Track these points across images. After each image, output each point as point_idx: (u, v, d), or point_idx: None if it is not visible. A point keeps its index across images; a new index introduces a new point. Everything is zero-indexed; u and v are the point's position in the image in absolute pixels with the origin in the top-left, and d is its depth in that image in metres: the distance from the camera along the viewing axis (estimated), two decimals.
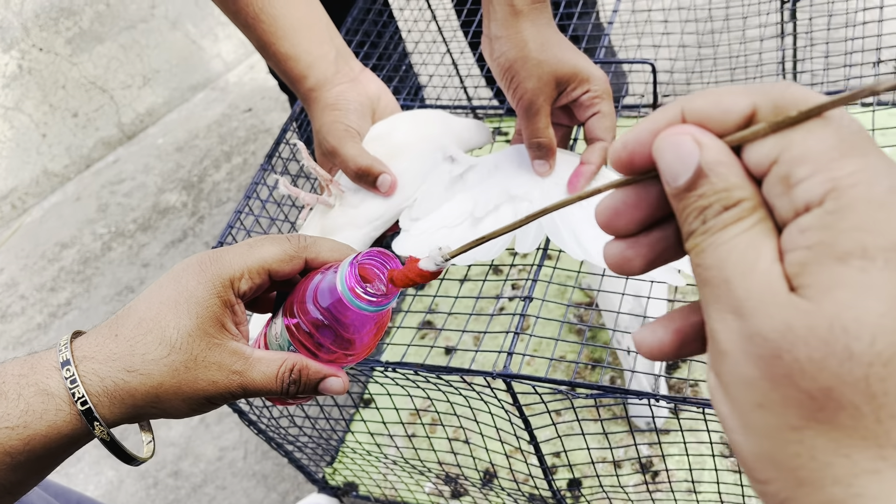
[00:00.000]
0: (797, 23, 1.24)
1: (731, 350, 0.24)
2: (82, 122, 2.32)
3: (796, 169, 0.24)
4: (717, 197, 0.25)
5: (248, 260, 0.45)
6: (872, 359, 0.22)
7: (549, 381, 0.68)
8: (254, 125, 2.28)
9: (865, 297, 0.22)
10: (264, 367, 0.45)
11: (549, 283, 0.79)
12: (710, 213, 0.25)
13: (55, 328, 1.87)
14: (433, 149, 0.82)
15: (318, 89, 0.81)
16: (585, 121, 0.75)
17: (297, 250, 0.47)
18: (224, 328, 0.45)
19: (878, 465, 0.22)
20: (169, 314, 0.44)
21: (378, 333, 0.47)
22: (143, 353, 0.43)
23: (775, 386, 0.23)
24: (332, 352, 0.45)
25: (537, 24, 0.69)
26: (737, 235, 0.25)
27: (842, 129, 0.24)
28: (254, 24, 0.78)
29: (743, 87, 0.26)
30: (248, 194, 0.95)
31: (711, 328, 0.25)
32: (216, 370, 0.44)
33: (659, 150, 0.26)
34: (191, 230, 2.01)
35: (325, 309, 0.44)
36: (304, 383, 0.45)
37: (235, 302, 0.45)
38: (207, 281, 0.44)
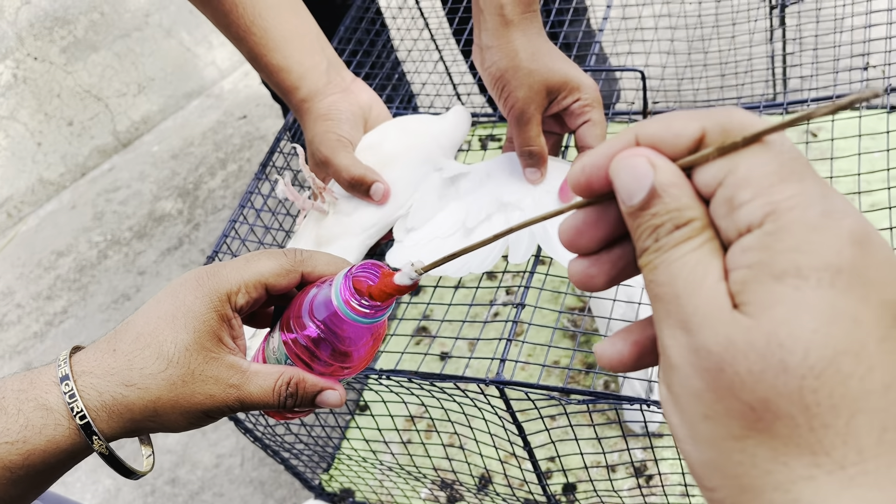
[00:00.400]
0: (786, 28, 1.25)
1: (679, 363, 0.26)
2: (77, 131, 2.33)
3: (739, 192, 0.25)
4: (669, 216, 0.27)
5: (244, 274, 0.46)
6: (805, 372, 0.23)
7: (541, 387, 0.68)
8: (249, 132, 2.29)
9: (799, 313, 0.24)
10: (261, 380, 0.45)
11: (541, 290, 0.79)
12: (663, 232, 0.27)
13: (51, 337, 1.87)
14: (425, 157, 0.83)
15: (310, 100, 0.81)
16: (576, 129, 0.75)
17: (294, 264, 0.47)
18: (221, 342, 0.45)
19: (812, 471, 0.23)
20: (166, 329, 0.44)
21: (374, 345, 0.47)
22: (141, 368, 0.44)
23: (719, 398, 0.24)
24: (329, 364, 0.46)
25: (528, 33, 0.70)
26: (686, 253, 0.26)
27: (782, 154, 0.26)
28: (245, 37, 0.79)
29: (692, 112, 0.28)
30: (242, 203, 0.95)
31: (662, 343, 0.26)
32: (213, 384, 0.44)
33: (615, 171, 0.28)
34: (186, 238, 2.01)
35: (320, 322, 0.44)
36: (301, 396, 0.46)
37: (232, 316, 0.46)
38: (204, 295, 0.45)
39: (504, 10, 0.69)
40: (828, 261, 0.24)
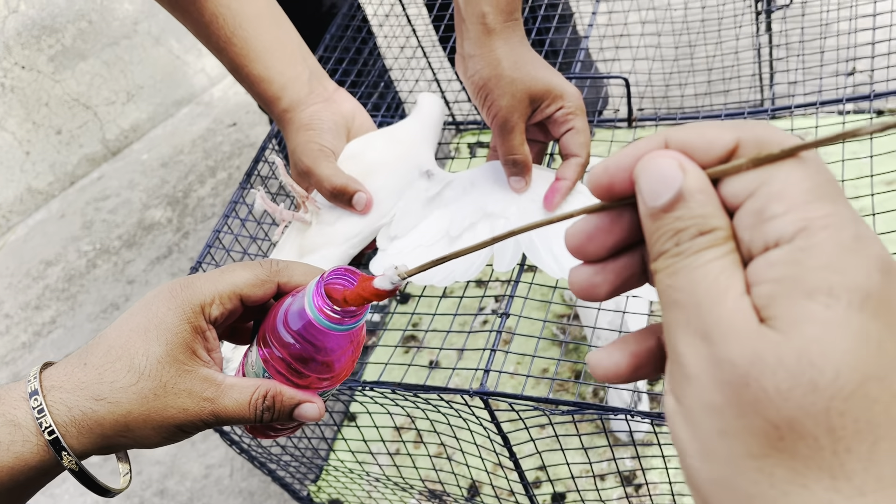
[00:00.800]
0: (772, 34, 1.25)
1: (697, 375, 0.25)
2: (66, 139, 2.32)
3: (772, 204, 0.25)
4: (693, 221, 0.26)
5: (218, 285, 0.45)
6: (834, 393, 0.22)
7: (525, 398, 0.68)
8: (238, 140, 2.28)
9: (831, 333, 0.23)
10: (237, 393, 0.44)
11: (525, 299, 0.79)
12: (685, 236, 0.26)
13: (40, 347, 1.85)
14: (409, 166, 0.83)
15: (292, 110, 0.81)
16: (560, 137, 0.75)
17: (269, 274, 0.47)
18: (195, 355, 0.44)
19: (831, 496, 0.23)
20: (138, 341, 0.43)
21: (354, 354, 0.46)
22: (112, 381, 0.43)
23: (740, 413, 0.23)
24: (306, 376, 0.45)
25: (510, 42, 0.70)
26: (710, 261, 0.25)
27: (818, 173, 0.25)
28: (226, 48, 0.78)
29: (727, 123, 0.27)
30: (226, 213, 0.95)
31: (678, 352, 0.25)
32: (186, 397, 0.43)
33: (641, 170, 0.27)
34: (176, 246, 2.00)
35: (295, 332, 0.44)
36: (278, 410, 0.45)
37: (207, 328, 0.45)
38: (177, 307, 0.44)
39: (486, 19, 0.68)
40: (859, 283, 0.23)
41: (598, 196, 0.29)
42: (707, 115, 0.96)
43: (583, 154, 0.74)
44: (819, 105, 0.88)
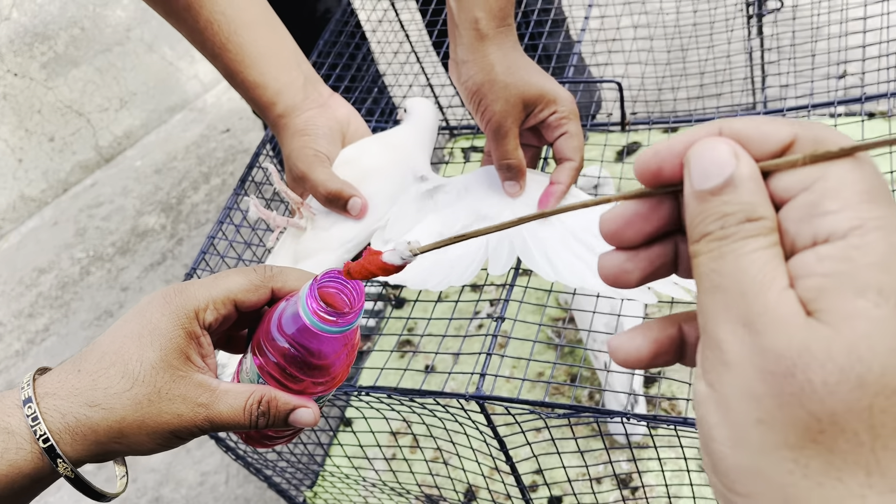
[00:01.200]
0: (764, 37, 1.25)
1: (738, 362, 0.25)
2: (59, 147, 2.31)
3: (826, 200, 0.25)
4: (741, 207, 0.26)
5: (212, 291, 0.45)
6: (879, 390, 0.23)
7: (521, 401, 0.68)
8: (232, 146, 2.28)
9: (880, 331, 0.23)
10: (231, 399, 0.44)
11: (521, 303, 0.79)
12: (732, 221, 0.26)
13: (33, 355, 1.85)
14: (403, 171, 0.83)
15: (287, 116, 0.81)
16: (554, 141, 0.75)
17: (263, 280, 0.47)
18: (189, 360, 0.44)
19: (865, 491, 0.23)
20: (132, 347, 0.43)
21: (348, 359, 0.46)
22: (106, 387, 0.42)
23: (781, 404, 0.24)
24: (301, 381, 0.45)
25: (503, 47, 0.70)
26: (757, 250, 0.25)
27: (873, 176, 0.26)
28: (221, 54, 0.78)
29: (784, 119, 0.28)
30: (221, 219, 0.95)
31: (718, 338, 0.25)
32: (181, 403, 0.43)
33: (694, 153, 0.27)
34: (170, 252, 2.00)
35: (289, 336, 0.43)
36: (273, 416, 0.45)
37: (201, 334, 0.45)
38: (171, 313, 0.44)
39: (479, 25, 0.68)
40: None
41: (645, 181, 0.29)
42: (699, 119, 0.97)
43: (577, 158, 0.74)
44: (811, 108, 0.88)
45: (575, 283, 0.70)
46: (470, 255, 0.75)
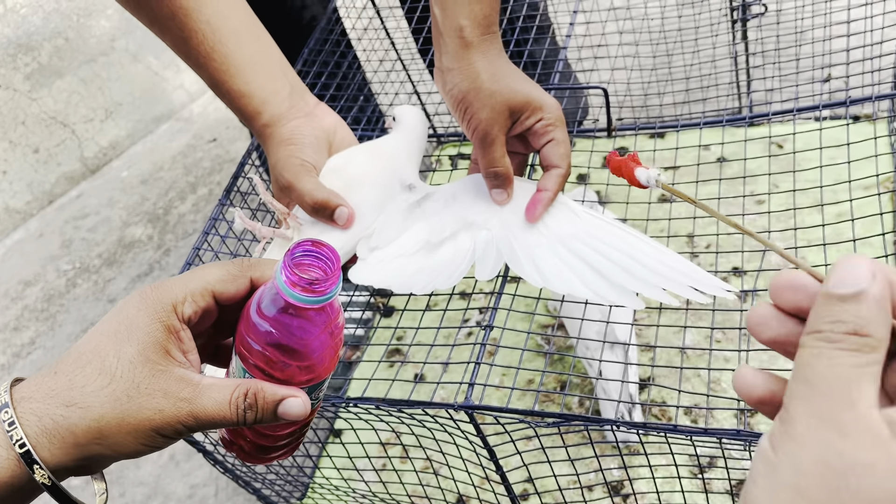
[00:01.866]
0: (748, 42, 1.26)
1: (801, 442, 0.29)
2: (44, 158, 2.29)
3: None
4: (855, 320, 0.29)
5: (189, 284, 0.45)
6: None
7: (510, 410, 0.67)
8: (219, 155, 2.27)
9: None
10: (216, 393, 0.43)
11: (509, 311, 0.79)
12: (841, 328, 0.29)
13: (19, 369, 1.83)
14: (391, 179, 0.83)
15: (273, 125, 0.80)
16: (540, 148, 0.75)
17: (241, 269, 0.46)
18: (169, 354, 0.43)
19: None
20: (109, 344, 0.42)
21: (332, 348, 0.45)
22: (83, 386, 0.41)
23: (828, 495, 0.27)
24: (287, 365, 0.43)
25: (488, 55, 0.70)
26: (849, 365, 0.29)
27: None
28: (205, 63, 0.78)
29: None
30: (206, 230, 0.94)
31: (794, 418, 0.29)
32: (162, 397, 0.42)
33: (844, 260, 0.31)
34: (157, 263, 1.98)
35: (270, 318, 0.43)
36: (261, 408, 0.43)
37: (180, 328, 0.44)
38: (148, 307, 0.43)
39: (463, 33, 0.68)
40: None
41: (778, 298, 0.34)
42: (685, 124, 0.97)
43: (563, 165, 0.74)
44: (796, 112, 0.88)
45: (563, 290, 0.69)
46: (456, 260, 0.75)
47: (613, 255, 0.71)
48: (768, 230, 0.83)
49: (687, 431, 0.63)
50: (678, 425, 0.64)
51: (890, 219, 1.06)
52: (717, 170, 1.10)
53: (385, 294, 1.31)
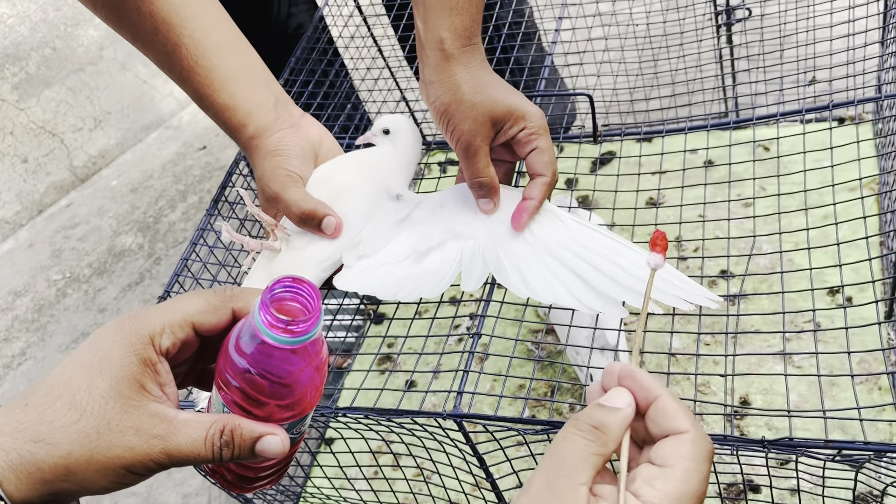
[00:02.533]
0: (733, 45, 1.27)
1: (530, 498, 0.39)
2: (32, 168, 2.29)
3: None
4: (602, 420, 0.41)
5: (168, 315, 0.43)
6: None
7: (498, 419, 0.68)
8: (209, 163, 2.27)
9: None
10: (191, 430, 0.41)
11: (497, 318, 0.79)
12: (588, 422, 0.41)
13: (10, 380, 1.82)
14: (378, 188, 0.83)
15: (259, 137, 0.80)
16: (525, 157, 0.76)
17: (223, 300, 0.45)
18: (143, 389, 0.42)
19: None
20: (81, 377, 0.41)
21: (316, 379, 0.43)
22: (52, 421, 0.40)
23: None
24: (265, 404, 0.42)
25: (469, 66, 0.70)
26: (581, 448, 0.40)
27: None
28: (189, 77, 0.78)
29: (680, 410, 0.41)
30: (194, 240, 0.94)
31: (532, 476, 0.41)
32: (133, 435, 0.40)
33: (615, 392, 0.43)
34: (148, 272, 1.98)
35: (248, 355, 0.41)
36: (237, 445, 0.42)
37: (157, 360, 0.42)
38: (124, 339, 0.42)
39: (444, 45, 0.69)
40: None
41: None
42: (671, 129, 0.98)
43: (548, 173, 0.75)
44: (779, 117, 0.89)
45: (548, 300, 0.70)
46: (442, 270, 0.75)
47: (599, 263, 0.71)
48: (754, 234, 0.84)
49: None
50: None
51: (875, 221, 1.07)
52: (703, 173, 1.10)
53: (375, 301, 1.31)
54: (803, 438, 0.60)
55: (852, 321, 1.01)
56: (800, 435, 0.98)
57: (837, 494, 0.73)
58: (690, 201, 0.94)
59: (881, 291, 1.05)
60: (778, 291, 0.73)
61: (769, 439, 0.60)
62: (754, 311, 1.08)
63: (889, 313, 1.02)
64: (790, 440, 0.60)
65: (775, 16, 1.18)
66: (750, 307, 1.09)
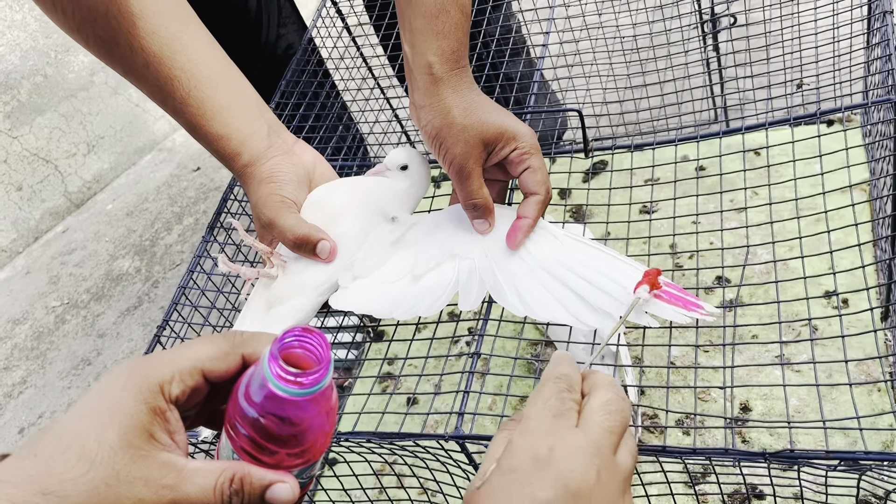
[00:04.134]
0: (720, 53, 1.27)
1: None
2: (27, 195, 2.29)
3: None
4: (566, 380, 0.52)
5: (177, 362, 0.43)
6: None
7: None
8: (203, 184, 2.27)
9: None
10: (200, 479, 0.41)
11: (495, 337, 0.79)
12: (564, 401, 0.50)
13: (11, 409, 1.82)
14: (373, 211, 0.83)
15: (253, 164, 0.81)
16: (518, 176, 0.76)
17: (233, 346, 0.45)
18: (153, 438, 0.42)
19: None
20: (90, 427, 0.41)
21: (326, 425, 0.44)
22: (61, 473, 0.40)
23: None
24: (274, 453, 0.42)
25: (458, 89, 0.71)
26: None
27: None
28: (182, 109, 0.78)
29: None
30: (191, 268, 0.94)
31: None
32: (142, 486, 0.40)
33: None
34: (146, 296, 1.98)
35: (257, 404, 0.41)
36: (247, 494, 0.42)
37: (167, 409, 0.42)
38: (133, 387, 0.42)
39: (433, 70, 0.69)
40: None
41: None
42: (661, 141, 0.98)
43: (541, 192, 0.75)
44: (767, 126, 0.90)
45: (545, 318, 0.70)
46: (438, 290, 0.75)
47: (594, 278, 0.71)
48: (748, 245, 0.84)
49: (677, 452, 0.64)
50: (667, 447, 0.64)
51: (867, 227, 1.08)
52: (695, 181, 1.11)
53: (375, 319, 1.32)
54: (804, 450, 0.60)
55: (850, 325, 1.01)
56: (802, 440, 0.98)
57: (840, 501, 0.73)
58: (684, 210, 0.95)
59: (876, 294, 1.05)
60: (773, 301, 0.73)
61: (770, 452, 0.60)
62: (752, 317, 1.09)
63: (885, 316, 1.02)
64: (791, 451, 0.60)
65: (761, 23, 1.19)
66: (748, 313, 1.10)
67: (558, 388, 0.49)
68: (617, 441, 0.47)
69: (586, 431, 0.46)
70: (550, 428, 0.47)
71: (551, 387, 0.49)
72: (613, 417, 0.48)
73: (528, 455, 0.45)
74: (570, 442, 0.45)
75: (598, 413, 0.48)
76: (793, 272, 1.07)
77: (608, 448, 0.46)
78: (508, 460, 0.45)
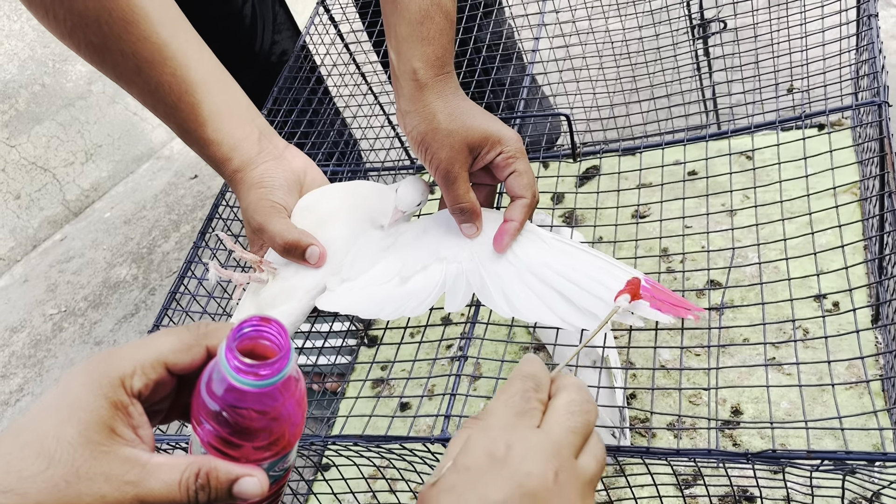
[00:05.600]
0: (710, 57, 1.28)
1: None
2: (25, 203, 2.30)
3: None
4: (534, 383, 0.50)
5: (139, 355, 0.42)
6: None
7: None
8: (201, 191, 2.28)
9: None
10: (165, 474, 0.40)
11: (483, 340, 0.80)
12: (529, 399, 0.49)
13: (8, 417, 1.82)
14: (363, 217, 0.84)
15: (243, 170, 0.81)
16: (504, 180, 0.77)
17: (196, 338, 0.44)
18: (114, 433, 0.40)
19: None
20: (48, 423, 0.40)
21: (295, 417, 0.42)
22: (20, 470, 0.39)
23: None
24: (239, 446, 0.41)
25: (443, 94, 0.71)
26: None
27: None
28: (173, 114, 0.79)
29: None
30: (182, 274, 0.95)
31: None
32: (103, 482, 0.39)
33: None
34: (143, 303, 1.98)
35: (219, 397, 0.40)
36: (213, 488, 0.41)
37: (129, 403, 0.41)
38: (93, 382, 0.41)
39: (417, 75, 0.70)
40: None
41: None
42: (650, 145, 0.99)
43: (528, 195, 0.76)
44: (753, 129, 0.90)
45: (532, 319, 0.71)
46: (425, 291, 0.76)
47: (581, 280, 0.72)
48: (733, 246, 0.85)
49: (660, 453, 0.64)
50: (651, 448, 0.65)
51: (858, 228, 1.08)
52: (685, 185, 1.11)
53: (366, 322, 1.32)
54: (786, 450, 0.60)
55: (840, 326, 1.02)
56: (793, 442, 0.98)
57: (829, 503, 0.73)
58: (674, 213, 0.95)
59: (866, 295, 1.06)
60: (758, 303, 0.74)
61: (753, 452, 0.61)
62: (743, 320, 1.09)
63: (875, 317, 1.03)
64: (773, 452, 0.60)
65: (750, 26, 1.20)
66: (738, 316, 1.10)
67: (524, 387, 0.47)
68: (579, 443, 0.46)
69: (547, 431, 0.45)
70: (510, 425, 0.45)
71: (517, 385, 0.48)
72: (576, 418, 0.46)
73: (484, 453, 0.43)
74: (528, 441, 0.44)
75: (560, 413, 0.46)
76: (783, 275, 1.07)
77: (569, 449, 0.44)
78: (464, 458, 0.44)
